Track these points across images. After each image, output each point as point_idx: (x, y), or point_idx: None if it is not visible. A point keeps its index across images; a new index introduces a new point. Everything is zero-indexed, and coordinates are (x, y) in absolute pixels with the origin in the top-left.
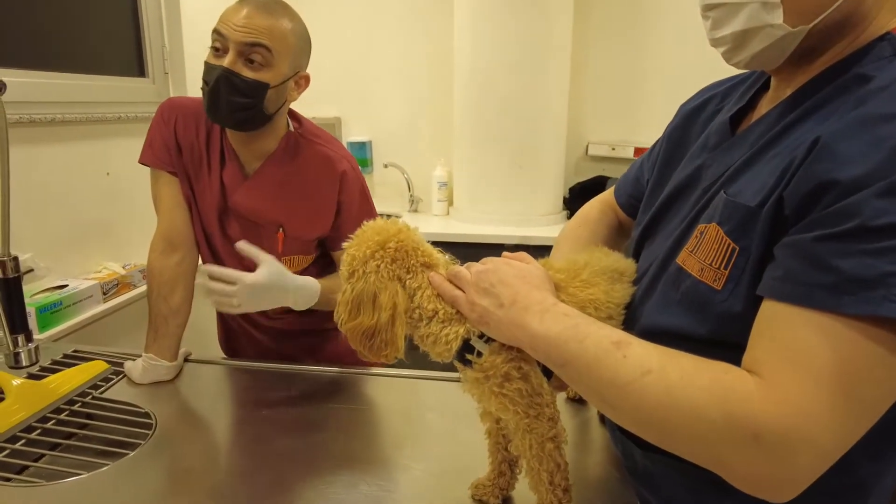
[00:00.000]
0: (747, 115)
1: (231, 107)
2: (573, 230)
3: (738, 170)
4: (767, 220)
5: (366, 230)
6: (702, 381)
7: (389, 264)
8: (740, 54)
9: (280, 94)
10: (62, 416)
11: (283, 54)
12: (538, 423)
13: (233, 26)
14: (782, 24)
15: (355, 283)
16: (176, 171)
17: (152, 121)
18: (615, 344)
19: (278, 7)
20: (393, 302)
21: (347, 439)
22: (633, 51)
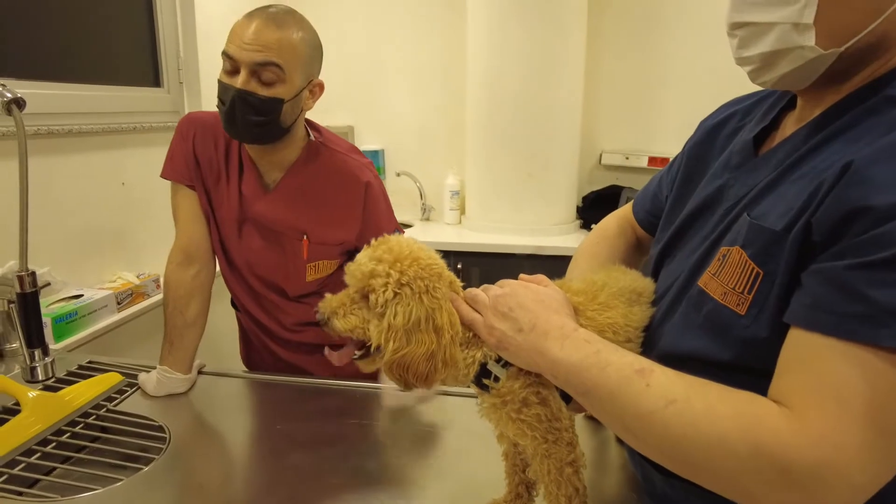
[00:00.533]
0: (770, 134)
1: (248, 124)
2: (591, 246)
3: (761, 191)
4: (795, 246)
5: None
6: (727, 412)
7: (438, 282)
8: (767, 75)
9: (295, 105)
10: (77, 428)
11: (295, 67)
12: (557, 447)
13: (242, 45)
14: (814, 47)
15: (406, 306)
16: (194, 184)
17: (173, 137)
18: (638, 372)
19: (287, 17)
20: (450, 321)
21: (361, 456)
22: (647, 59)
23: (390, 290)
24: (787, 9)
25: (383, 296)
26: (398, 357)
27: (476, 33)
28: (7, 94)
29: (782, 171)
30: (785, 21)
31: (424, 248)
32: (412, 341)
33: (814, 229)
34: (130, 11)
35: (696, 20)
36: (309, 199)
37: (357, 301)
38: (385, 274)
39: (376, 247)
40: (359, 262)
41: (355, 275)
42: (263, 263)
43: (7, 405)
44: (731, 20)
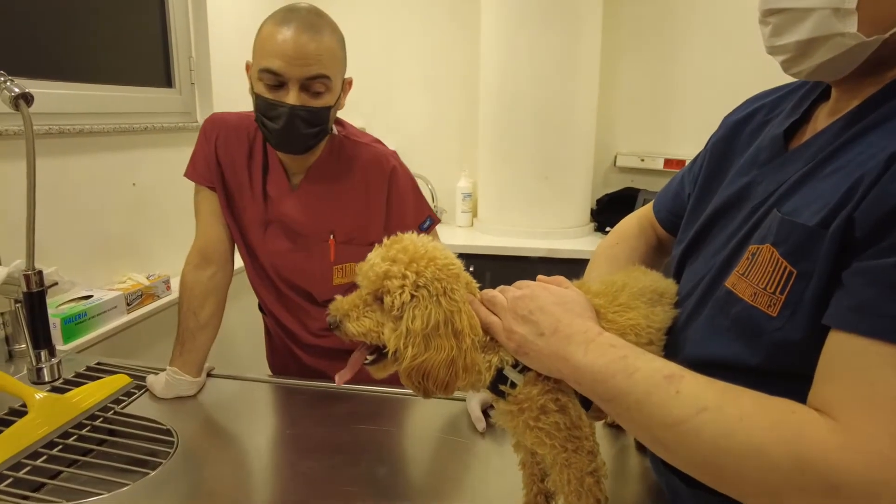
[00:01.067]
0: (801, 128)
1: (304, 137)
2: (610, 248)
3: (792, 186)
4: (834, 243)
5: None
6: (765, 422)
7: (456, 283)
8: (802, 64)
9: (336, 109)
10: (83, 431)
11: (337, 72)
12: (577, 457)
13: (290, 60)
14: (856, 34)
15: (424, 310)
16: (215, 186)
17: (198, 135)
18: (667, 378)
19: (319, 21)
20: (471, 325)
21: (372, 462)
22: (663, 61)
23: (407, 292)
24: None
25: (399, 298)
26: (417, 364)
27: (490, 35)
28: (15, 89)
29: (815, 165)
30: (825, 6)
31: (440, 248)
32: (431, 347)
33: (857, 225)
34: (143, 12)
35: (711, 21)
36: (334, 193)
37: (370, 303)
38: (401, 275)
39: (389, 246)
40: (371, 262)
41: (368, 275)
42: (290, 266)
43: (14, 406)
44: (766, 6)
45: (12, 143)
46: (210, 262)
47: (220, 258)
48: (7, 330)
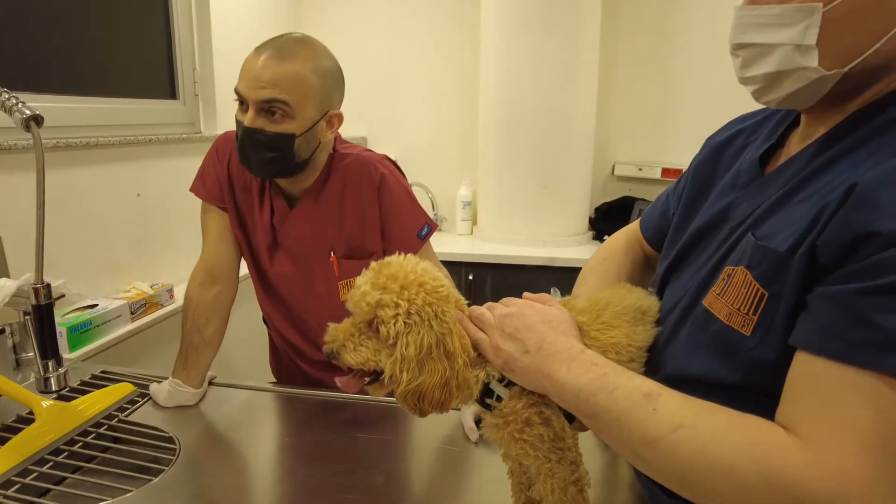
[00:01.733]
0: (776, 153)
1: (261, 161)
2: (599, 263)
3: (766, 211)
4: (800, 268)
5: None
6: (736, 440)
7: (446, 305)
8: (771, 94)
9: (310, 139)
10: (88, 438)
11: (305, 101)
12: (560, 467)
13: (248, 83)
14: (817, 68)
15: (417, 336)
16: (226, 206)
17: (207, 152)
18: (645, 396)
19: (296, 48)
20: (462, 345)
21: (370, 471)
22: (661, 71)
23: (401, 321)
24: (789, 30)
25: (394, 328)
26: (412, 388)
27: (489, 44)
28: (26, 111)
29: (787, 192)
30: (787, 42)
31: (428, 270)
32: (425, 371)
33: (819, 252)
34: (148, 25)
35: (709, 31)
36: (328, 209)
37: (364, 331)
38: (393, 304)
39: (378, 271)
40: (362, 290)
41: (360, 305)
42: (296, 287)
43: (21, 414)
44: (734, 41)
45: (20, 157)
46: (216, 280)
47: (226, 277)
48: (14, 339)
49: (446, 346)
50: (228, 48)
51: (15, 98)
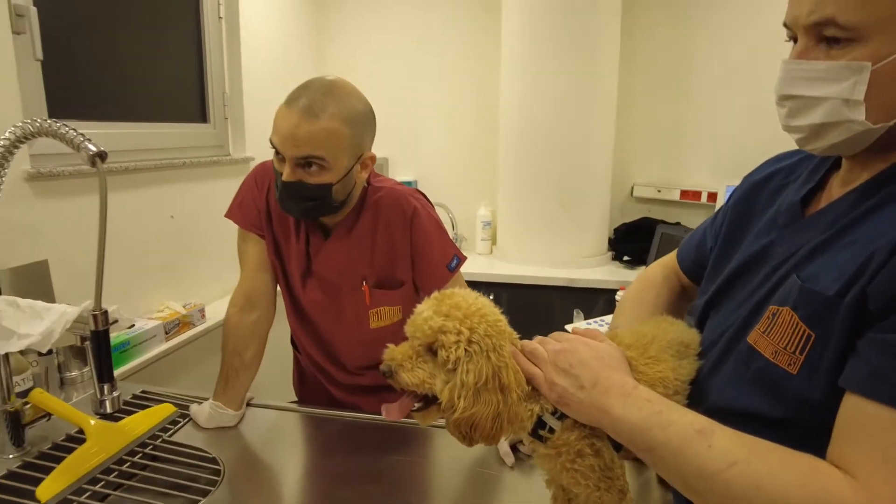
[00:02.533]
0: (816, 195)
1: (302, 209)
2: (637, 293)
3: (810, 253)
4: (849, 313)
5: (462, 299)
6: (791, 477)
7: (503, 339)
8: (816, 143)
9: (346, 184)
10: (135, 458)
11: (339, 153)
12: (609, 495)
13: (284, 140)
14: (863, 122)
15: (476, 365)
16: (264, 234)
17: (245, 180)
18: (699, 433)
19: (326, 102)
20: (517, 380)
21: (407, 493)
22: (679, 94)
23: (462, 347)
24: (837, 85)
25: (455, 353)
26: (467, 416)
27: (509, 67)
28: (91, 147)
29: (832, 236)
30: (835, 96)
31: (488, 304)
32: (480, 401)
33: (869, 299)
34: (181, 52)
35: (729, 54)
36: (361, 240)
37: (422, 354)
38: (456, 331)
39: (441, 300)
40: (424, 315)
41: (422, 328)
42: (326, 314)
43: (70, 433)
44: (781, 92)
45: (65, 183)
46: (255, 307)
47: (264, 303)
48: (59, 359)
49: (501, 379)
50: (256, 73)
51: (81, 136)
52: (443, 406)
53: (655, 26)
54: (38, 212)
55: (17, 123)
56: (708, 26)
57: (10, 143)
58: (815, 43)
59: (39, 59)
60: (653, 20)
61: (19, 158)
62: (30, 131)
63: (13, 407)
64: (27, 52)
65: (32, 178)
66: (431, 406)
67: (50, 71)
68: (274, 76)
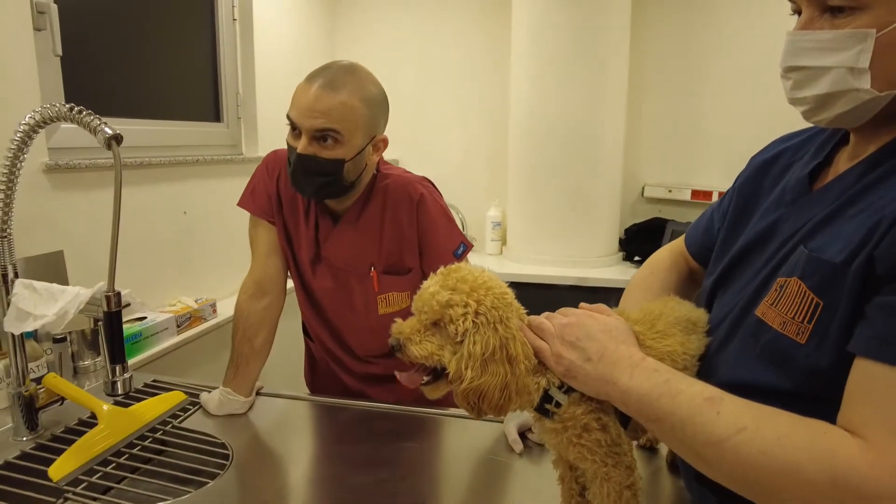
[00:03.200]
0: (824, 170)
1: (313, 185)
2: (644, 278)
3: (817, 225)
4: (857, 278)
5: (469, 273)
6: (800, 441)
7: (510, 312)
8: (821, 115)
9: (358, 163)
10: (146, 442)
11: (355, 129)
12: (616, 471)
13: (302, 112)
14: (869, 90)
15: (483, 336)
16: (275, 221)
17: (257, 169)
18: (708, 400)
19: (347, 79)
20: (524, 352)
21: (419, 479)
22: (690, 93)
23: (469, 319)
24: (842, 54)
25: (463, 325)
26: (474, 386)
27: (520, 68)
28: (108, 130)
29: (838, 207)
30: (840, 65)
31: (494, 277)
32: (488, 371)
33: (877, 263)
34: (196, 52)
35: (735, 56)
36: (369, 227)
37: (430, 328)
38: (463, 304)
39: (447, 275)
40: (430, 290)
41: (430, 303)
42: (336, 301)
43: (82, 418)
44: (785, 64)
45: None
46: (266, 293)
47: (275, 289)
48: (73, 348)
49: (509, 350)
50: (269, 75)
51: (98, 119)
52: (451, 377)
53: (666, 25)
54: (55, 203)
55: (37, 108)
56: (719, 25)
57: (29, 129)
58: (820, 13)
59: (59, 54)
60: (663, 19)
61: (38, 151)
62: (48, 116)
63: (28, 391)
64: (47, 47)
65: (50, 170)
66: (440, 379)
67: (68, 67)
68: (287, 79)
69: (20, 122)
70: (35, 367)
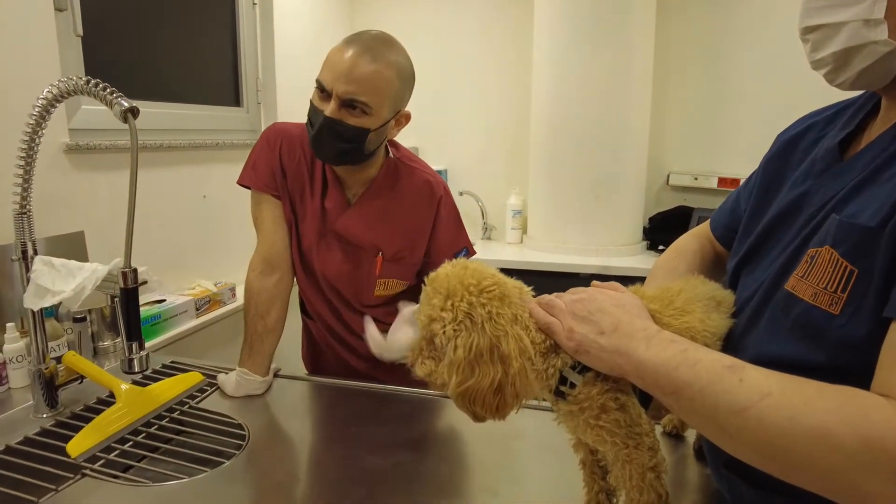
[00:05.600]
0: (856, 138)
1: (334, 150)
2: (668, 262)
3: (849, 193)
4: (892, 241)
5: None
6: (829, 405)
7: (500, 307)
8: (843, 74)
9: (380, 134)
10: (163, 422)
11: (384, 101)
12: (638, 452)
13: (336, 76)
14: (887, 40)
15: (466, 338)
16: (280, 194)
17: (256, 144)
18: (729, 368)
19: (383, 49)
20: (518, 347)
21: (437, 461)
22: (717, 78)
23: (449, 328)
24: (855, 7)
25: (444, 336)
26: (462, 390)
27: (542, 54)
28: (124, 103)
29: (871, 172)
30: (855, 19)
31: (479, 271)
32: (476, 373)
33: None
34: (217, 37)
35: (764, 38)
36: (386, 215)
37: (425, 348)
38: (439, 317)
39: (428, 284)
40: (419, 308)
41: (422, 321)
42: (338, 275)
43: (101, 397)
44: (802, 25)
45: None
46: (275, 268)
47: (285, 264)
48: (93, 328)
49: (500, 348)
50: (289, 60)
51: (114, 91)
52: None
53: (692, 8)
54: (75, 184)
55: (54, 82)
56: (748, 7)
57: (47, 103)
58: None
59: (80, 35)
60: (689, 2)
61: (59, 131)
62: (66, 89)
63: (48, 369)
64: (68, 27)
65: (71, 151)
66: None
67: (90, 49)
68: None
69: (38, 97)
70: (56, 345)
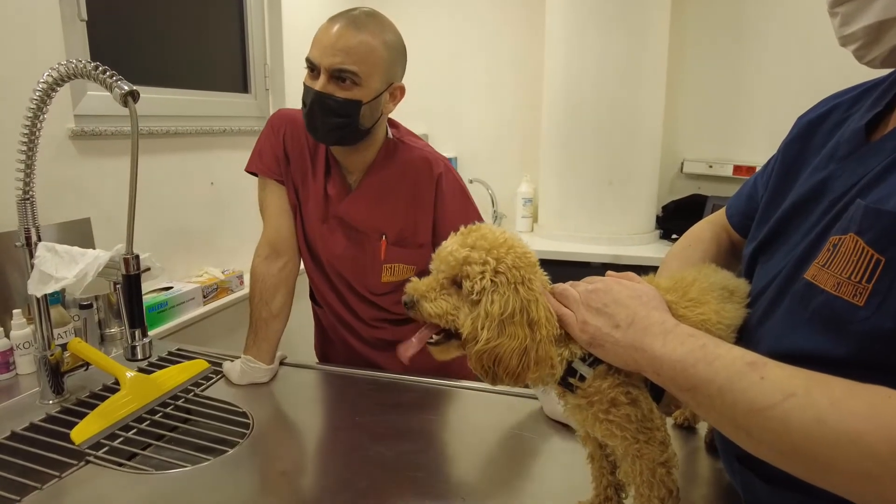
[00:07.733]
0: (883, 120)
1: (327, 126)
2: (683, 250)
3: (876, 177)
4: None
5: (490, 231)
6: (859, 408)
7: (533, 273)
8: (874, 51)
9: (374, 108)
10: (168, 409)
11: (374, 71)
12: (649, 447)
13: (323, 50)
14: None
15: (502, 295)
16: (284, 180)
17: (262, 131)
18: (750, 365)
19: (368, 20)
20: (547, 317)
21: (441, 450)
22: (732, 64)
23: (487, 277)
24: None
25: (480, 283)
26: (490, 348)
27: (554, 40)
28: (124, 87)
29: None
30: None
31: (517, 238)
32: (505, 333)
33: None
34: (224, 23)
35: (783, 22)
36: (388, 196)
37: (447, 287)
38: (481, 261)
39: (467, 234)
40: (449, 248)
41: (447, 260)
42: (343, 261)
43: (107, 384)
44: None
45: (108, 143)
46: (280, 254)
47: (290, 250)
48: (100, 315)
49: (530, 313)
50: (297, 46)
51: (114, 75)
52: (465, 338)
53: None
54: (81, 170)
55: (54, 66)
56: None
57: (48, 86)
58: None
59: (84, 19)
60: None
61: (64, 117)
62: (67, 72)
63: (53, 355)
64: (72, 11)
65: (76, 137)
66: (451, 340)
67: (95, 34)
68: None
69: (38, 81)
70: (62, 332)
